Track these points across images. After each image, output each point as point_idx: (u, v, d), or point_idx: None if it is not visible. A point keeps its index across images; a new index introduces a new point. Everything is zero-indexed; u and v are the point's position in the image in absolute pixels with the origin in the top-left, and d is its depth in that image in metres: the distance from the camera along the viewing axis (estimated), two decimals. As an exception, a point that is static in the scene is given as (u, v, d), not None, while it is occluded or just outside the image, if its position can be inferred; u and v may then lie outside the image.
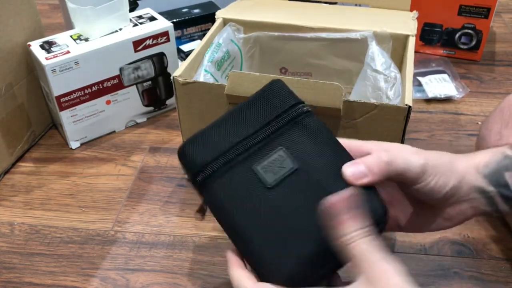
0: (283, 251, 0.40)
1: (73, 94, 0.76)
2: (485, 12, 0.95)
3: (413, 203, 0.47)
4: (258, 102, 0.46)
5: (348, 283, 0.38)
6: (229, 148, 0.44)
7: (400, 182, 0.43)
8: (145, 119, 0.87)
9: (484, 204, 0.44)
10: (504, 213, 0.46)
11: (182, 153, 0.45)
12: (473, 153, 0.46)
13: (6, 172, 0.77)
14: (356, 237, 0.37)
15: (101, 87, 0.79)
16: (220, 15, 0.77)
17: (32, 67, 0.79)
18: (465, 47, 1.00)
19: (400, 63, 0.72)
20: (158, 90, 0.86)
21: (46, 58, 0.73)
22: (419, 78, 0.94)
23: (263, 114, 0.45)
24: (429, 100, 0.90)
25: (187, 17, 1.00)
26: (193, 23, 1.01)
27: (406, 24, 0.74)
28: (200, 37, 1.02)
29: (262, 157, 0.43)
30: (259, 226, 0.42)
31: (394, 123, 0.58)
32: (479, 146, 0.66)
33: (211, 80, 0.68)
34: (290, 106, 0.45)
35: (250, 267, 0.43)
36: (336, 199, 0.38)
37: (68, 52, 0.74)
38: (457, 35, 1.00)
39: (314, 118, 0.45)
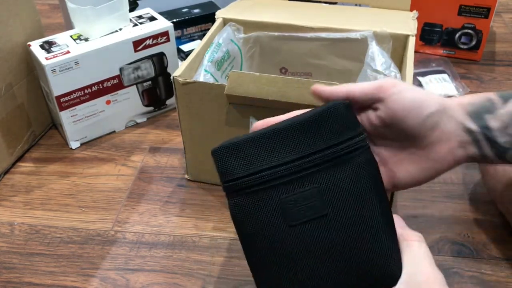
0: None
1: (73, 94, 0.76)
2: (485, 12, 0.95)
3: (403, 153, 0.45)
4: (308, 127, 0.40)
5: None
6: (264, 169, 0.39)
7: (370, 100, 0.43)
8: (145, 119, 0.87)
9: (471, 143, 0.43)
10: (491, 161, 0.44)
11: (218, 154, 0.41)
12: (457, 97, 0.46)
13: (6, 172, 0.77)
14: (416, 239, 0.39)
15: (101, 87, 0.79)
16: (220, 15, 0.77)
17: (32, 67, 0.79)
18: (465, 47, 1.00)
19: (400, 63, 0.72)
20: (158, 90, 0.86)
21: (46, 58, 0.73)
22: (419, 78, 0.93)
23: (310, 142, 0.39)
24: (429, 100, 0.90)
25: (187, 17, 1.00)
26: (193, 23, 1.01)
27: (406, 24, 0.74)
28: (200, 37, 1.02)
29: (294, 190, 0.39)
30: (270, 261, 0.39)
31: (394, 123, 0.57)
32: None
33: (211, 80, 0.68)
34: (343, 140, 0.39)
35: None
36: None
37: (68, 52, 0.74)
38: (457, 35, 1.00)
39: (366, 157, 0.40)
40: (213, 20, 0.77)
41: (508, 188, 0.61)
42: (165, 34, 0.81)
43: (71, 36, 0.78)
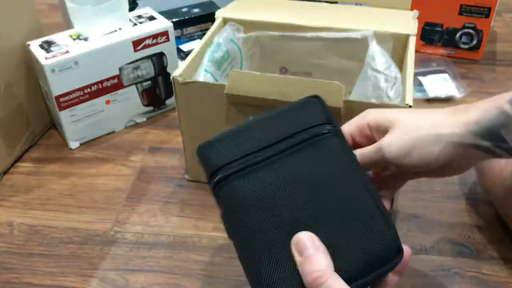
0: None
1: (73, 94, 0.76)
2: (485, 12, 0.95)
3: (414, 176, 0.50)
4: (282, 115, 0.45)
5: None
6: (250, 152, 0.42)
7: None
8: (144, 119, 0.87)
9: (488, 154, 0.44)
10: (507, 158, 0.45)
11: (204, 150, 0.44)
12: (465, 109, 0.45)
13: (5, 172, 0.77)
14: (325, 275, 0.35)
15: (100, 87, 0.78)
16: (219, 14, 0.77)
17: (31, 67, 0.79)
18: (466, 46, 1.00)
19: (400, 63, 0.72)
20: (158, 89, 0.86)
21: (46, 58, 0.73)
22: (420, 78, 0.93)
23: (283, 128, 0.43)
24: (430, 100, 0.90)
25: (186, 17, 1.00)
26: (193, 22, 1.01)
27: (407, 23, 0.74)
28: (200, 37, 1.02)
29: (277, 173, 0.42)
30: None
31: (394, 123, 0.57)
32: None
33: (211, 79, 0.68)
34: (313, 125, 0.43)
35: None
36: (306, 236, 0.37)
37: (67, 51, 0.74)
38: (458, 35, 0.99)
39: (335, 141, 0.43)
40: (213, 20, 0.77)
41: (504, 190, 0.60)
42: (165, 33, 0.80)
43: (70, 36, 0.78)
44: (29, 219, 0.69)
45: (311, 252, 0.36)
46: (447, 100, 0.90)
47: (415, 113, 0.46)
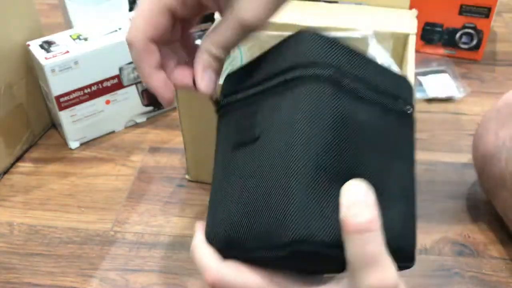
0: (215, 217, 0.40)
1: (73, 94, 0.76)
2: (486, 12, 0.95)
3: None
4: (274, 50, 0.41)
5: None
6: (241, 89, 0.40)
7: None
8: (144, 119, 0.87)
9: None
10: None
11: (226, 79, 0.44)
12: None
13: (5, 172, 0.77)
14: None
15: (100, 87, 0.78)
16: (219, 15, 0.77)
17: (31, 67, 0.79)
18: (466, 46, 1.00)
19: (400, 62, 0.72)
20: (158, 90, 0.85)
21: (46, 58, 0.73)
22: (420, 78, 0.93)
23: (269, 66, 0.39)
24: (430, 100, 0.90)
25: (187, 17, 1.00)
26: (193, 22, 1.01)
27: (406, 22, 0.74)
28: (200, 37, 1.02)
29: (247, 115, 0.38)
30: (217, 181, 0.41)
31: (394, 123, 0.57)
32: (476, 145, 0.66)
33: (211, 79, 0.68)
34: (291, 66, 0.37)
35: None
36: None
37: (67, 51, 0.74)
38: (458, 35, 0.99)
39: (309, 89, 0.34)
40: (212, 20, 0.77)
41: (504, 191, 0.60)
42: (165, 33, 0.80)
43: (70, 36, 0.78)
44: (29, 219, 0.69)
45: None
46: (447, 100, 0.90)
47: None
